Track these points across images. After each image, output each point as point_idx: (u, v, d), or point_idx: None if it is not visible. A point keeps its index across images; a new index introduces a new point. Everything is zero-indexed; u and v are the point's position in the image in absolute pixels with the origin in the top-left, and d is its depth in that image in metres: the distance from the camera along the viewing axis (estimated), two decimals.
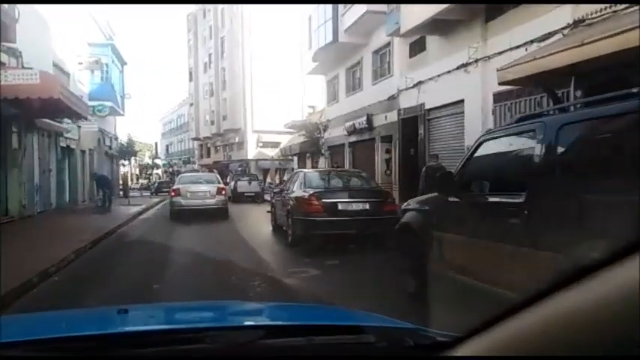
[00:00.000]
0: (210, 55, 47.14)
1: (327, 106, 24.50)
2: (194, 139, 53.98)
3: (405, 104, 15.73)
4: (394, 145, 17.04)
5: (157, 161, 62.36)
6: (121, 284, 6.24)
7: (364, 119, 18.70)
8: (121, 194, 27.92)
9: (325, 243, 8.52)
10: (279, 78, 38.13)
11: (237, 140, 42.35)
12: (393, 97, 16.54)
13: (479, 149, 4.25)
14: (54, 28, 16.16)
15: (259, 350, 1.26)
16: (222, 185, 16.64)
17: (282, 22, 37.19)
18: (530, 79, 8.12)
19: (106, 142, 27.64)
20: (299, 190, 9.61)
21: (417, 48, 15.07)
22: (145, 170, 64.51)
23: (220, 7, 44.27)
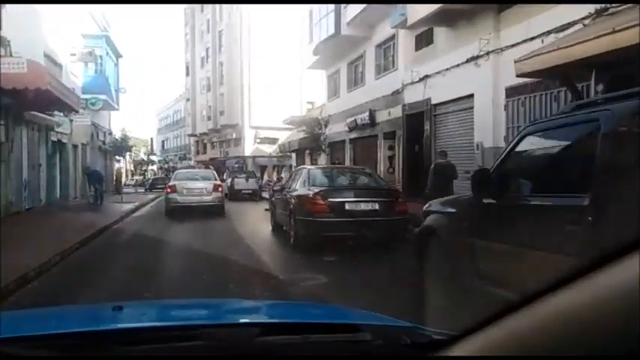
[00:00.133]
0: (208, 50, 46.46)
1: (327, 102, 23.92)
2: (190, 135, 53.17)
3: (410, 99, 15.18)
4: (398, 142, 16.56)
5: (153, 157, 61.55)
6: (103, 295, 5.57)
7: (366, 115, 18.15)
8: (114, 191, 27.22)
9: (332, 245, 7.94)
10: (277, 73, 37.60)
11: (234, 136, 41.73)
12: (397, 92, 16.00)
13: (521, 143, 3.64)
14: (45, 16, 15.46)
15: (255, 348, 1.24)
16: (218, 182, 16.41)
17: (281, 16, 36.63)
18: (550, 71, 7.74)
19: (100, 136, 26.91)
20: (302, 188, 9.01)
21: (424, 41, 14.55)
22: (140, 166, 63.78)
23: None
